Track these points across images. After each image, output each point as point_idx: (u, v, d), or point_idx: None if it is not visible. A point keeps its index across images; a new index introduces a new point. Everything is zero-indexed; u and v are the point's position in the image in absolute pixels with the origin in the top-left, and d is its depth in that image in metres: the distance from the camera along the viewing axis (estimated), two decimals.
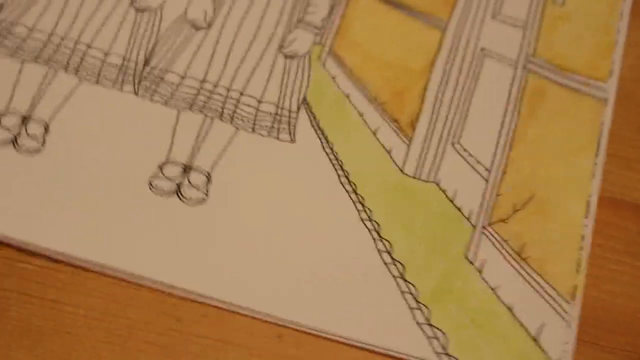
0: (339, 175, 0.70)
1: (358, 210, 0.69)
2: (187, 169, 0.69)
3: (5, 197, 0.66)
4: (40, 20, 0.74)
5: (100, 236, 0.66)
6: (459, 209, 0.70)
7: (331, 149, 0.71)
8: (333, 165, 0.71)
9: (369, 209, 0.69)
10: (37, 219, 0.66)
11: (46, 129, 0.69)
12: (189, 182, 0.69)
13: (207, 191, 0.68)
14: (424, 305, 0.65)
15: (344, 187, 0.70)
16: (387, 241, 0.68)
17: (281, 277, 0.66)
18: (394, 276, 0.67)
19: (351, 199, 0.70)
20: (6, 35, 0.73)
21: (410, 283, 0.66)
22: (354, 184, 0.70)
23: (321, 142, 0.72)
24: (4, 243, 0.65)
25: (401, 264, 0.67)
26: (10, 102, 0.71)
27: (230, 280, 0.66)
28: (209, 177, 0.69)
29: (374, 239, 0.68)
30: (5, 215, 0.65)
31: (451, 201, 0.70)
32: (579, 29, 0.78)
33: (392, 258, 0.67)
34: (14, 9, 0.75)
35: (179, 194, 0.68)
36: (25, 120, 0.70)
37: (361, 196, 0.69)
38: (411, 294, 0.66)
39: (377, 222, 0.68)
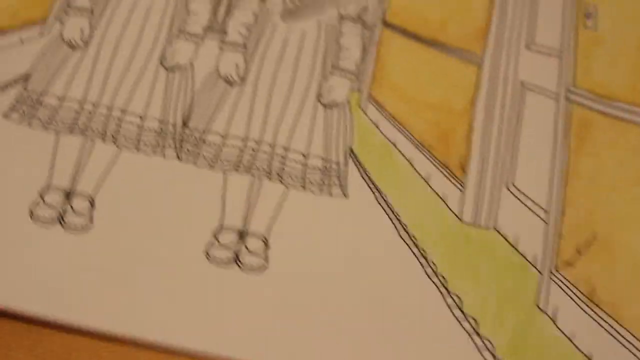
0: (397, 230, 0.68)
1: (422, 265, 0.67)
2: (242, 235, 0.66)
3: (55, 278, 0.63)
4: (70, 88, 0.71)
5: (160, 314, 0.63)
6: (523, 255, 0.68)
7: (385, 201, 0.69)
8: (390, 219, 0.68)
9: (433, 262, 0.67)
10: (93, 300, 0.63)
11: (92, 203, 0.66)
12: (247, 249, 0.66)
13: (266, 257, 0.65)
14: None
15: (404, 241, 0.67)
16: (456, 295, 0.65)
17: (347, 340, 0.63)
18: (468, 332, 0.64)
19: (413, 253, 0.67)
20: (37, 106, 0.70)
21: (485, 338, 0.64)
22: (415, 237, 0.67)
23: (374, 195, 0.69)
24: (56, 325, 0.61)
25: (474, 318, 0.64)
26: (51, 177, 0.67)
27: (300, 349, 0.63)
28: (266, 242, 0.66)
29: (442, 294, 0.66)
30: (58, 298, 0.62)
31: (514, 247, 0.68)
32: (614, 53, 0.76)
33: (464, 313, 0.65)
34: (41, 78, 0.71)
35: (238, 263, 0.65)
36: (69, 195, 0.66)
37: (423, 249, 0.67)
38: (488, 349, 0.64)
39: (443, 276, 0.66)
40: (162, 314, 0.63)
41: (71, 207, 0.65)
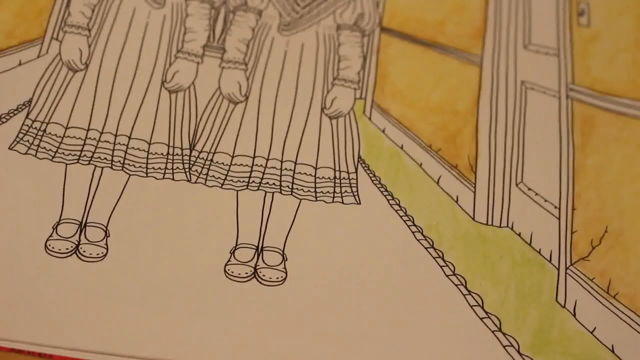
0: (413, 232, 0.68)
1: (441, 266, 0.67)
2: (260, 250, 0.66)
3: (74, 310, 0.62)
4: (73, 115, 0.70)
5: (182, 336, 0.63)
6: (538, 252, 0.68)
7: (398, 205, 0.69)
8: (405, 222, 0.69)
9: (451, 263, 0.67)
10: (114, 328, 0.62)
11: (106, 232, 0.65)
12: (265, 263, 0.65)
13: (285, 269, 0.65)
14: (528, 357, 0.64)
15: (421, 243, 0.68)
16: (477, 295, 0.66)
17: (371, 347, 0.64)
18: (491, 331, 0.64)
19: (431, 255, 0.67)
20: (42, 136, 0.69)
21: (509, 335, 0.64)
22: (430, 239, 0.68)
23: (387, 200, 0.69)
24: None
25: (496, 316, 0.65)
26: (63, 209, 0.66)
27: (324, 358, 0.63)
28: (283, 255, 0.66)
29: (462, 294, 0.66)
30: (81, 331, 0.61)
31: (529, 244, 0.68)
32: (610, 49, 0.77)
33: (486, 312, 0.65)
34: (43, 106, 0.70)
35: (257, 277, 0.65)
36: (82, 226, 0.65)
37: (440, 251, 0.67)
38: (512, 346, 0.64)
39: (462, 277, 0.66)
40: (185, 336, 0.62)
41: (86, 237, 0.65)
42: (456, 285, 0.66)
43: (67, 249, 0.64)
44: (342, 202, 0.69)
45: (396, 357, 0.63)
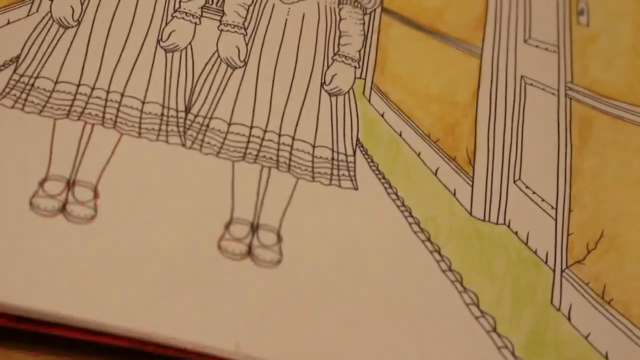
0: (409, 223, 0.66)
1: (437, 261, 0.65)
2: (254, 228, 0.63)
3: (59, 273, 0.58)
4: (63, 70, 0.66)
5: (170, 309, 0.59)
6: (534, 252, 0.67)
7: (396, 194, 0.67)
8: (402, 212, 0.66)
9: (447, 258, 0.65)
10: (98, 294, 0.58)
11: (95, 192, 0.61)
12: (260, 242, 0.62)
13: (280, 251, 0.62)
14: None
15: (417, 235, 0.65)
16: (473, 292, 0.64)
17: (362, 335, 0.61)
18: (485, 330, 0.63)
19: (427, 248, 0.65)
20: (30, 91, 0.64)
21: (503, 336, 0.63)
22: (427, 232, 0.66)
23: (384, 187, 0.67)
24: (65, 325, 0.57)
25: (491, 316, 0.63)
26: (50, 165, 0.62)
27: (315, 343, 0.60)
28: (279, 236, 0.63)
29: (458, 291, 0.64)
30: (61, 293, 0.57)
31: (525, 244, 0.67)
32: (608, 51, 0.77)
33: (481, 310, 0.63)
34: (32, 61, 0.66)
35: (252, 257, 0.62)
36: (70, 184, 0.61)
37: (436, 245, 0.65)
38: (507, 347, 0.63)
39: (458, 273, 0.65)
40: (172, 309, 0.59)
41: (74, 196, 0.61)
42: (452, 281, 0.64)
43: (52, 206, 0.60)
44: (340, 186, 0.66)
45: (389, 348, 0.61)
